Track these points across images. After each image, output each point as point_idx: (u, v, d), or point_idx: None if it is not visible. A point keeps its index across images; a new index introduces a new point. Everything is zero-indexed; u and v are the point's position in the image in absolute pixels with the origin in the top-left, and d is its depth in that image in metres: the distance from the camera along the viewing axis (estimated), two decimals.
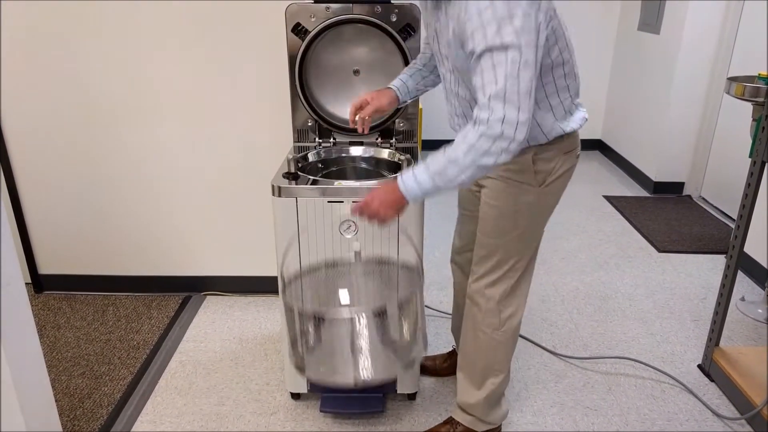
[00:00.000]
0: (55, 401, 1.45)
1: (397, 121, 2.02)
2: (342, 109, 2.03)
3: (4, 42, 2.25)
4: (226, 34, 2.24)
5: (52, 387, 1.45)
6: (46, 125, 2.39)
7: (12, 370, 1.24)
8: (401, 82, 1.70)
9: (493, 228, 1.55)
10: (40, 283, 2.67)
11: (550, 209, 1.57)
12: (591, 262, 3.01)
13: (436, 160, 1.29)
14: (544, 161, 1.47)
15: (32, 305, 2.49)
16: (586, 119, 1.51)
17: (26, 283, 2.31)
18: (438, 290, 2.71)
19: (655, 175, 3.99)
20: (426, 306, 2.52)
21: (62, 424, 1.72)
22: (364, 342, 1.37)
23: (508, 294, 1.60)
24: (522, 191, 1.49)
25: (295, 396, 2.00)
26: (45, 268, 2.65)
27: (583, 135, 1.61)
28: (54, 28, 2.24)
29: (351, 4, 1.87)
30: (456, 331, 2.05)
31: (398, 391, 1.93)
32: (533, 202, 1.51)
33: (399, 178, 1.33)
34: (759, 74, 2.42)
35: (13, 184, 2.48)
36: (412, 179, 1.31)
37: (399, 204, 1.35)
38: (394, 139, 2.04)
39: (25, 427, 1.29)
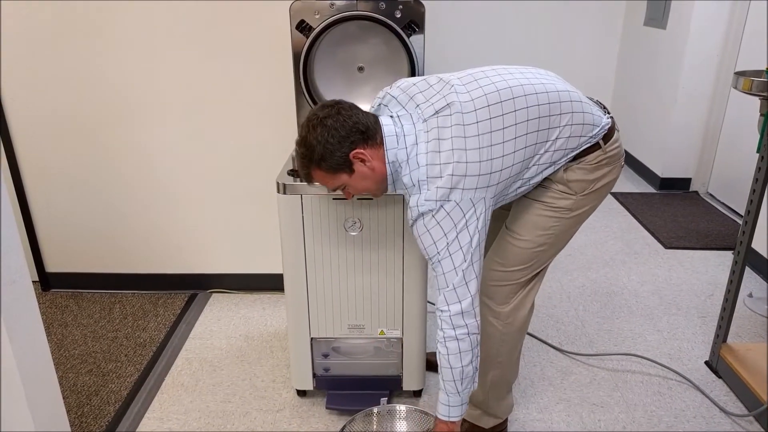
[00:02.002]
0: (63, 399, 1.46)
1: None
2: None
3: (11, 41, 2.26)
4: (232, 32, 2.24)
5: (60, 385, 1.46)
6: (53, 123, 2.40)
7: (20, 368, 1.24)
8: None
9: (522, 223, 1.54)
10: (47, 281, 2.68)
11: (581, 220, 1.56)
12: (597, 259, 3.00)
13: (444, 384, 1.44)
14: (583, 171, 1.47)
15: (39, 303, 2.50)
16: (604, 129, 1.48)
17: (33, 281, 2.32)
18: None
19: (662, 171, 3.97)
20: (431, 303, 2.52)
21: (70, 422, 1.73)
22: None
23: (515, 288, 1.60)
24: (560, 196, 1.50)
25: (301, 393, 2.00)
26: (52, 266, 2.66)
27: None
28: (60, 27, 2.25)
29: (355, 1, 1.87)
30: None
31: (404, 388, 1.93)
32: (569, 208, 1.51)
33: (437, 419, 1.48)
34: (767, 69, 2.40)
35: (20, 183, 2.49)
36: (444, 407, 1.46)
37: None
38: None
39: (33, 424, 1.30)
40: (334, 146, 1.34)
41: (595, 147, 1.46)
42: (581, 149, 1.45)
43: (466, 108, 1.33)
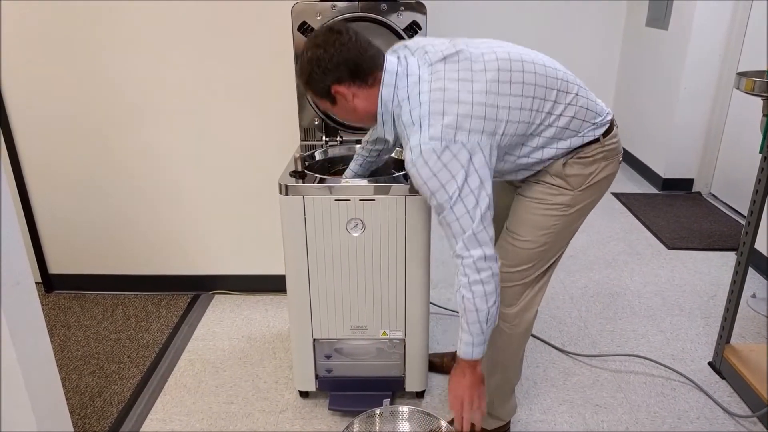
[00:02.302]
0: (66, 400, 1.46)
1: None
2: None
3: (16, 42, 2.27)
4: (233, 34, 2.24)
5: (63, 386, 1.46)
6: (55, 124, 2.41)
7: (23, 369, 1.24)
8: (352, 172, 1.80)
9: (522, 223, 1.54)
10: (50, 283, 2.69)
11: (582, 215, 1.55)
12: (600, 260, 2.99)
13: (464, 323, 1.42)
14: (580, 166, 1.47)
15: (42, 305, 2.49)
16: (605, 123, 1.49)
17: (36, 283, 2.33)
18: (445, 288, 2.71)
19: (664, 172, 3.96)
20: (433, 304, 2.52)
21: (73, 423, 1.73)
22: None
23: (523, 290, 1.59)
24: (556, 193, 1.49)
25: (304, 394, 2.00)
26: (55, 267, 2.67)
27: None
28: (64, 28, 2.25)
29: (357, 2, 1.87)
30: None
31: (406, 389, 1.93)
32: (567, 204, 1.50)
33: (459, 358, 1.45)
34: None
35: (23, 184, 2.50)
36: (464, 345, 1.43)
37: (476, 374, 1.46)
38: None
39: (36, 425, 1.30)
40: (318, 75, 1.35)
41: (593, 140, 1.46)
42: (584, 139, 1.44)
43: (476, 59, 1.34)
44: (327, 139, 2.05)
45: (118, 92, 2.34)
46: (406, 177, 1.67)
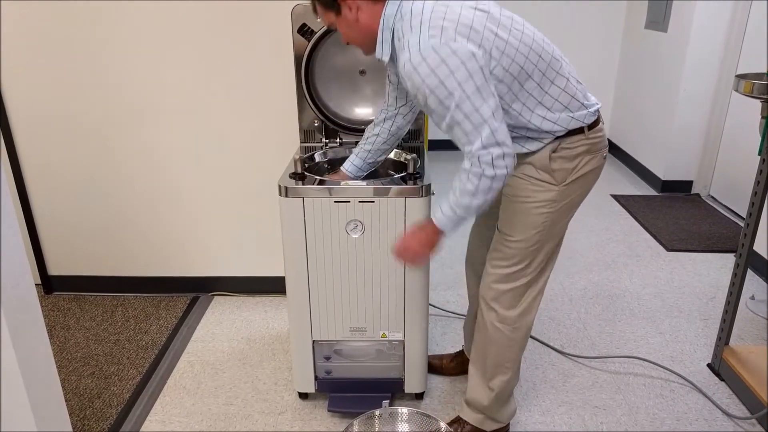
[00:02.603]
0: (65, 401, 1.46)
1: None
2: (348, 109, 2.04)
3: (16, 43, 2.27)
4: (233, 36, 2.24)
5: (62, 387, 1.46)
6: (55, 125, 2.41)
7: (23, 371, 1.25)
8: (353, 165, 1.81)
9: (512, 224, 1.55)
10: (49, 284, 2.69)
11: (573, 208, 1.56)
12: (599, 262, 3.00)
13: (452, 195, 1.42)
14: (564, 160, 1.48)
15: (42, 306, 2.50)
16: (594, 113, 1.50)
17: (36, 284, 2.33)
18: (445, 290, 2.71)
19: (664, 174, 3.97)
20: (433, 305, 2.52)
21: (72, 424, 1.74)
22: None
23: (522, 292, 1.60)
24: (542, 189, 1.50)
25: (303, 396, 2.00)
26: (54, 269, 2.67)
27: None
28: (63, 28, 2.26)
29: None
30: (467, 328, 2.05)
31: (406, 391, 1.93)
32: (554, 200, 1.50)
33: (432, 216, 1.48)
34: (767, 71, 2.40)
35: (23, 186, 2.50)
36: (440, 212, 1.45)
37: (433, 239, 1.48)
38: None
39: (35, 426, 1.30)
40: None
41: (578, 131, 1.47)
42: (571, 119, 1.45)
43: (484, 2, 1.37)
44: (326, 140, 2.05)
45: (118, 92, 2.35)
46: (405, 179, 1.68)
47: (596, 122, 1.51)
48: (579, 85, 1.49)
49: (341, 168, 1.82)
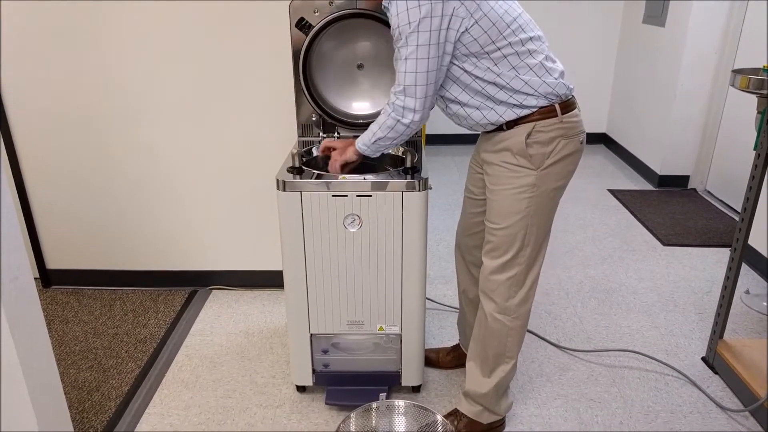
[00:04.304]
0: (64, 394, 1.47)
1: None
2: (346, 103, 2.04)
3: (15, 39, 2.27)
4: (231, 30, 2.24)
5: (61, 380, 1.47)
6: (53, 120, 2.41)
7: (22, 364, 1.25)
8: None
9: (498, 213, 1.59)
10: (47, 278, 2.69)
11: (555, 194, 1.59)
12: (595, 256, 3.01)
13: (370, 130, 1.61)
14: (539, 144, 1.51)
15: (40, 300, 2.50)
16: (561, 88, 1.53)
17: (34, 278, 2.33)
18: (442, 284, 2.72)
19: (660, 169, 3.98)
20: (430, 299, 2.53)
21: (71, 417, 1.74)
22: None
23: (518, 281, 1.63)
24: (521, 174, 1.54)
25: (301, 389, 2.01)
26: (53, 263, 2.67)
27: (588, 128, 1.61)
28: (63, 27, 2.25)
29: None
30: (461, 323, 2.07)
31: (402, 384, 1.95)
32: (533, 185, 1.53)
33: (354, 143, 1.66)
34: (764, 66, 2.41)
35: (21, 180, 2.50)
36: (360, 141, 1.65)
37: (348, 154, 1.69)
38: None
39: (35, 419, 1.31)
40: None
41: (551, 114, 1.51)
42: (538, 101, 1.50)
43: None
44: (324, 135, 2.05)
45: (116, 89, 2.34)
46: (403, 173, 1.68)
47: (571, 106, 1.55)
48: (556, 65, 1.55)
49: (355, 142, 1.74)
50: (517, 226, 1.57)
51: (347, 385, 1.94)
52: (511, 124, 1.53)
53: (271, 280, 2.62)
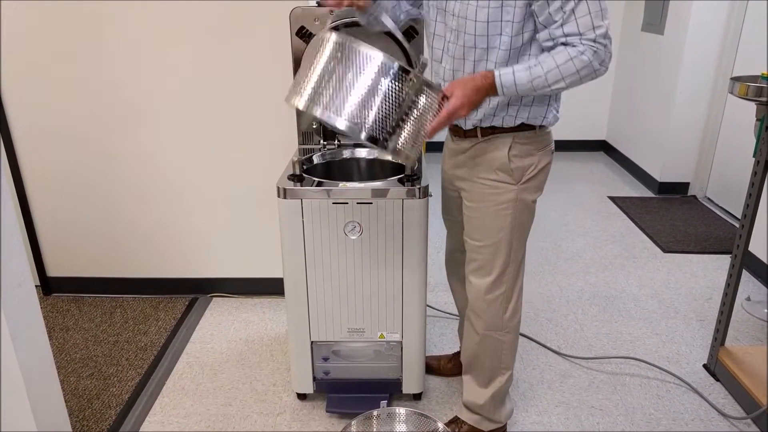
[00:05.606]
0: (65, 402, 1.47)
1: None
2: None
3: (15, 46, 2.28)
4: (232, 38, 2.26)
5: (61, 388, 1.47)
6: (54, 127, 2.42)
7: (23, 372, 1.26)
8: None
9: (480, 229, 1.58)
10: (48, 286, 2.69)
11: (533, 205, 1.59)
12: (596, 263, 3.01)
13: (535, 68, 1.33)
14: (518, 158, 1.51)
15: (41, 307, 2.50)
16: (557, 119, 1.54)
17: (35, 286, 2.33)
18: (443, 291, 2.72)
19: (660, 176, 3.98)
20: (430, 306, 2.53)
21: (71, 425, 1.74)
22: None
23: (506, 296, 1.63)
24: (502, 191, 1.53)
25: (302, 396, 2.01)
26: (53, 270, 2.67)
27: (588, 136, 1.63)
28: (63, 32, 2.26)
29: (354, 8, 1.88)
30: (462, 331, 2.06)
31: (403, 391, 1.94)
32: (515, 199, 1.54)
33: (496, 72, 1.34)
34: (762, 74, 2.42)
35: (22, 188, 2.50)
36: (510, 74, 1.34)
37: (485, 93, 1.35)
38: None
39: (35, 427, 1.31)
40: None
41: (529, 127, 1.50)
42: (537, 112, 1.48)
43: None
44: (325, 142, 2.06)
45: (117, 96, 2.35)
46: (403, 181, 1.69)
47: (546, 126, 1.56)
48: (550, 109, 1.53)
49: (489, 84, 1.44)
50: (502, 242, 1.57)
51: (348, 392, 1.93)
52: (487, 132, 1.50)
53: (272, 287, 2.62)
